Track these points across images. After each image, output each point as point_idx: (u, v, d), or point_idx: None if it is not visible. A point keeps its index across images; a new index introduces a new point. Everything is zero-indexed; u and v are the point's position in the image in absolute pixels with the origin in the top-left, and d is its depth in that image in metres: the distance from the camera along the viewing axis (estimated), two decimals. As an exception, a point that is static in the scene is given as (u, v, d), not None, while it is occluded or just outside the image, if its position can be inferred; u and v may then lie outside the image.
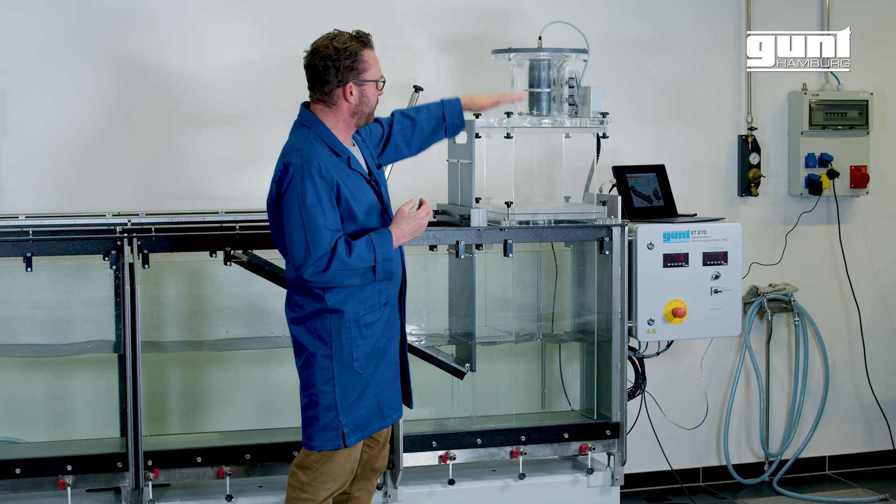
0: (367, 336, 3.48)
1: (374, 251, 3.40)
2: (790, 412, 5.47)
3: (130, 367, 3.90)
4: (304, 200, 3.33)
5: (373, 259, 3.40)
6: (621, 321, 4.35)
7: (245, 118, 4.63)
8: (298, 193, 3.34)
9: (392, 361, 3.60)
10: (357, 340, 3.46)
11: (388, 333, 3.56)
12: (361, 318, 3.46)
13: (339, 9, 4.62)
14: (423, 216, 3.53)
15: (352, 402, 3.47)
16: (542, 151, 4.82)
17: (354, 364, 3.46)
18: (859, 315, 5.52)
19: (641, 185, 4.66)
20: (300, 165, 3.35)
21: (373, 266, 3.40)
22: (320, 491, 3.53)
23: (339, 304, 3.43)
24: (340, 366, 3.45)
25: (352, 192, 3.43)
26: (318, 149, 3.41)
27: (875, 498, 5.21)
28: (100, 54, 4.49)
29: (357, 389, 3.48)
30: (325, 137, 3.46)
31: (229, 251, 4.04)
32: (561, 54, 4.39)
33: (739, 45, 5.27)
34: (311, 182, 3.34)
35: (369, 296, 3.47)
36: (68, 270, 4.23)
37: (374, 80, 3.48)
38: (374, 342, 3.50)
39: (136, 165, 4.56)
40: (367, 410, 3.51)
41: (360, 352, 3.47)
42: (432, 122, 3.91)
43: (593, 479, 4.39)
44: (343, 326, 3.44)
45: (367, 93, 3.48)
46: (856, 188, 5.38)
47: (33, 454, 3.96)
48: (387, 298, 3.54)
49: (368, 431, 3.54)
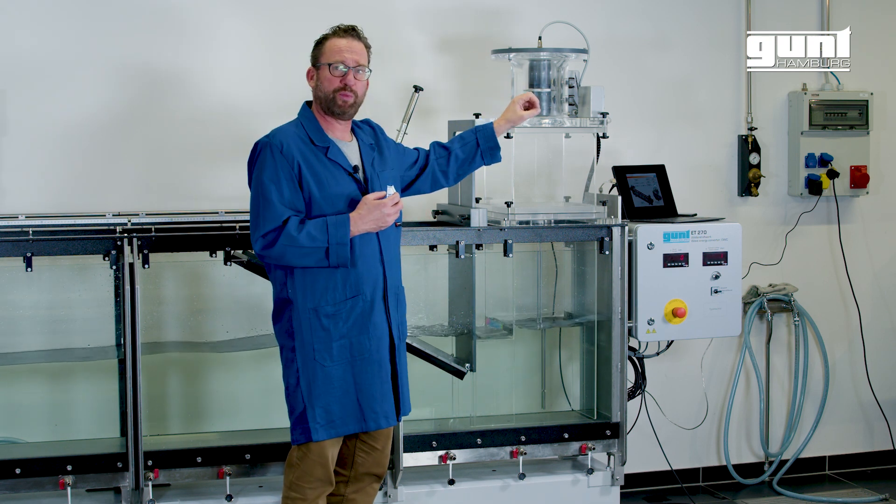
0: (329, 327, 3.48)
1: (328, 233, 3.42)
2: (790, 412, 5.47)
3: (130, 368, 3.90)
4: (261, 177, 3.45)
5: (325, 241, 3.41)
6: (621, 321, 4.35)
7: (245, 118, 4.62)
8: (258, 170, 3.46)
9: (377, 363, 3.55)
10: (318, 332, 3.47)
11: (362, 329, 3.52)
12: (321, 308, 3.47)
13: (339, 9, 4.61)
14: (387, 206, 3.50)
15: (318, 395, 3.47)
16: (542, 151, 4.82)
17: (316, 356, 3.47)
18: (859, 315, 5.52)
19: (641, 185, 4.66)
20: (264, 143, 3.49)
21: (326, 248, 3.41)
22: (307, 490, 3.54)
23: (295, 293, 3.48)
24: (303, 357, 3.48)
25: (318, 179, 3.47)
26: (289, 131, 3.53)
27: (875, 498, 5.21)
28: (100, 54, 4.49)
29: (323, 383, 3.48)
30: (307, 125, 3.56)
31: (229, 251, 4.04)
32: (561, 54, 4.39)
33: (739, 45, 5.27)
34: (272, 159, 3.45)
35: (330, 286, 3.48)
36: (68, 270, 4.23)
37: (326, 63, 3.54)
38: (340, 335, 3.49)
39: (136, 165, 4.56)
40: (341, 407, 3.51)
41: (322, 343, 3.47)
42: (466, 150, 3.95)
43: (593, 479, 4.39)
44: (302, 317, 3.47)
45: (321, 76, 3.56)
46: (856, 188, 5.38)
47: (33, 454, 3.96)
48: (356, 291, 3.51)
49: (343, 430, 3.52)
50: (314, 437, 3.48)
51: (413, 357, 4.27)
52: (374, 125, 3.80)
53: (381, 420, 3.57)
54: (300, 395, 3.49)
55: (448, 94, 4.85)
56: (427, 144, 4.82)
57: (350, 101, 3.55)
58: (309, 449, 3.52)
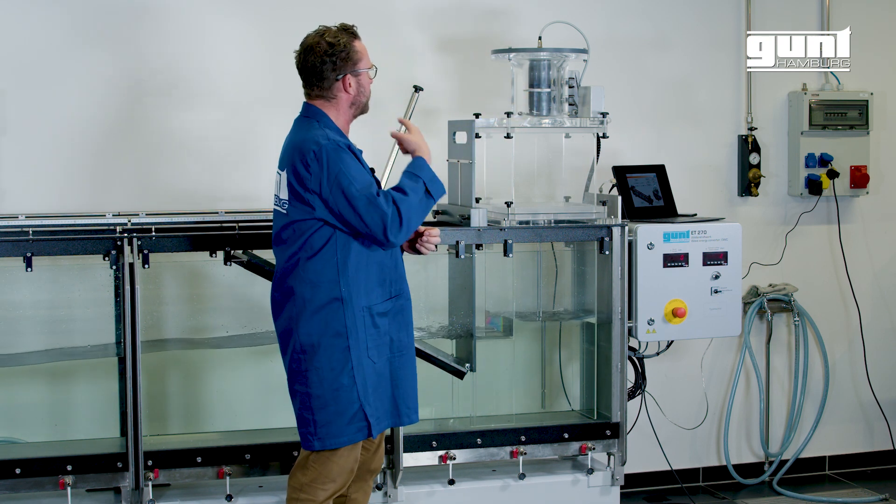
0: (380, 325, 3.51)
1: (419, 175, 3.50)
2: (790, 412, 5.47)
3: (130, 367, 3.89)
4: (350, 172, 3.38)
5: (422, 183, 3.49)
6: (621, 321, 4.35)
7: (245, 118, 4.63)
8: (342, 168, 3.38)
9: (410, 358, 3.62)
10: (370, 329, 3.49)
11: (401, 326, 3.58)
12: (374, 306, 3.49)
13: (339, 9, 4.61)
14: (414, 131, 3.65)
15: (372, 391, 3.48)
16: (542, 151, 4.82)
17: (369, 353, 3.48)
18: (859, 315, 5.52)
19: (641, 185, 4.66)
20: (331, 146, 3.39)
21: (425, 188, 3.48)
22: (319, 491, 3.52)
23: (349, 291, 3.44)
24: (357, 355, 3.46)
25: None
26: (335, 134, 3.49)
27: (875, 498, 5.21)
28: (100, 55, 4.49)
29: (376, 379, 3.50)
30: (336, 131, 3.52)
31: (229, 251, 4.04)
32: (561, 54, 4.39)
33: (739, 45, 5.27)
34: (348, 156, 3.41)
35: (378, 284, 3.50)
36: (68, 270, 4.23)
37: (368, 69, 3.56)
38: (386, 332, 3.53)
39: (136, 165, 4.56)
40: (384, 404, 3.54)
41: (374, 340, 3.50)
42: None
43: (593, 479, 4.39)
44: (357, 315, 3.45)
45: (363, 82, 3.56)
46: (856, 188, 5.38)
47: (33, 454, 3.96)
48: (399, 290, 3.57)
49: (384, 425, 3.55)
50: (373, 434, 3.49)
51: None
52: None
53: (413, 415, 3.62)
54: (356, 393, 3.45)
55: (448, 94, 4.85)
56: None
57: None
58: (337, 451, 3.49)
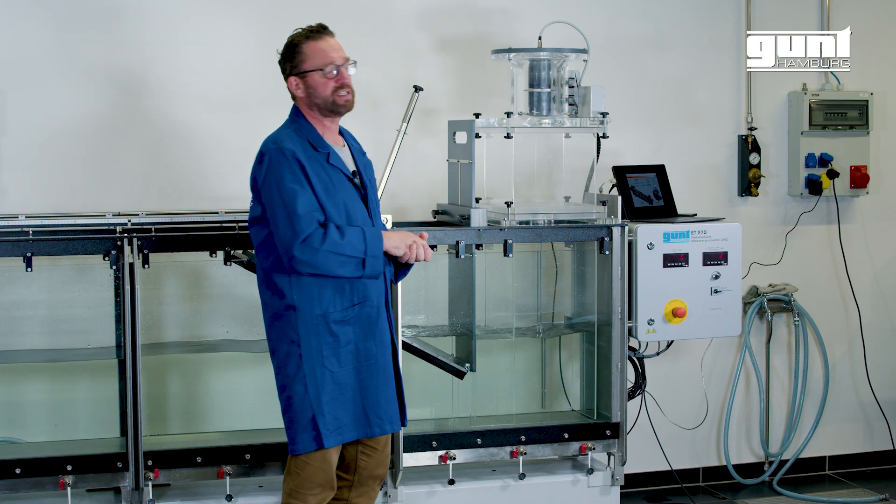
0: (338, 333, 3.45)
1: (366, 243, 3.39)
2: (790, 412, 5.47)
3: (130, 367, 3.90)
4: (283, 182, 3.37)
5: (363, 251, 3.38)
6: (621, 321, 4.35)
7: (245, 117, 4.62)
8: (277, 177, 3.38)
9: (382, 368, 3.54)
10: (326, 338, 3.44)
11: (368, 335, 3.51)
12: (329, 314, 3.44)
13: (339, 9, 4.61)
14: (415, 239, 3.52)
15: (327, 401, 3.45)
16: (542, 151, 4.82)
17: (325, 362, 3.44)
18: (859, 315, 5.52)
19: (641, 185, 4.66)
20: (275, 151, 3.41)
21: (363, 259, 3.38)
22: (308, 496, 3.52)
23: (301, 300, 3.43)
24: (310, 364, 3.44)
25: (324, 185, 3.44)
26: (293, 137, 3.47)
27: (875, 498, 5.21)
28: (100, 54, 4.49)
29: (333, 389, 3.45)
30: (306, 131, 3.51)
31: (229, 251, 4.04)
32: (561, 54, 4.39)
33: (739, 45, 5.27)
34: (288, 165, 3.38)
35: (338, 292, 3.45)
36: (68, 270, 4.23)
37: (315, 69, 3.49)
38: (348, 341, 3.47)
39: (136, 165, 4.56)
40: (348, 413, 3.48)
41: (331, 349, 3.45)
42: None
43: (593, 479, 4.39)
44: (309, 324, 3.43)
45: (311, 83, 3.51)
46: (856, 188, 5.38)
47: (33, 454, 3.96)
48: (362, 297, 3.50)
49: (349, 436, 3.50)
50: (325, 444, 3.44)
51: (413, 357, 4.28)
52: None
53: (386, 425, 3.55)
54: (308, 402, 3.44)
55: (448, 94, 4.85)
56: (427, 145, 4.84)
57: (351, 97, 3.54)
58: (311, 456, 3.49)
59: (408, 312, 4.41)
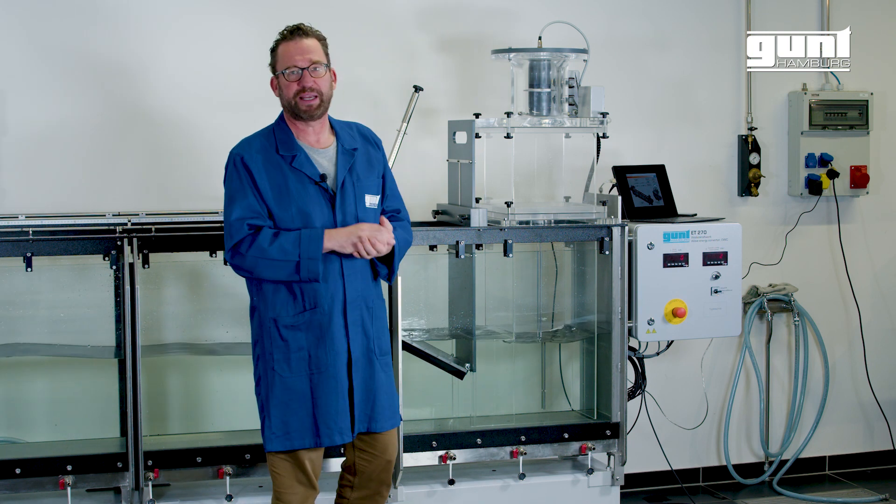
0: (288, 338, 3.45)
1: (300, 246, 3.38)
2: (790, 412, 5.47)
3: (130, 368, 3.90)
4: (227, 190, 3.48)
5: (297, 254, 3.37)
6: (621, 321, 4.35)
7: (245, 117, 4.60)
8: (226, 181, 3.49)
9: (334, 377, 3.46)
10: (277, 342, 3.45)
11: (320, 343, 3.46)
12: (280, 318, 3.45)
13: (339, 9, 4.62)
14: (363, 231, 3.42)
15: (275, 405, 3.45)
16: (542, 151, 4.82)
17: (275, 366, 3.45)
18: (859, 315, 5.52)
19: (641, 185, 4.66)
20: (230, 156, 3.50)
21: (297, 262, 3.37)
22: (290, 496, 3.52)
23: (260, 302, 3.49)
24: (264, 366, 3.48)
25: (278, 190, 3.43)
26: (254, 141, 3.52)
27: (875, 498, 5.21)
28: (100, 54, 4.49)
29: (282, 393, 3.45)
30: (279, 133, 3.53)
31: (229, 251, 4.04)
32: (561, 54, 4.39)
33: (739, 45, 5.27)
34: (234, 170, 3.46)
35: (290, 297, 3.45)
36: (68, 270, 4.23)
37: (280, 71, 3.51)
38: (299, 347, 3.45)
39: (135, 165, 4.56)
40: (298, 420, 3.45)
41: (281, 353, 3.45)
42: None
43: (593, 479, 4.39)
44: (265, 326, 3.47)
45: (281, 85, 3.53)
46: (856, 188, 5.38)
47: (33, 454, 3.96)
48: (313, 304, 3.45)
49: (298, 443, 3.46)
50: (267, 447, 3.47)
51: (413, 357, 4.28)
52: (367, 134, 3.68)
53: (336, 436, 3.48)
54: (261, 404, 3.50)
55: (448, 94, 4.84)
56: (427, 145, 4.84)
57: (315, 102, 3.48)
58: (279, 456, 3.49)
59: (408, 313, 4.41)
